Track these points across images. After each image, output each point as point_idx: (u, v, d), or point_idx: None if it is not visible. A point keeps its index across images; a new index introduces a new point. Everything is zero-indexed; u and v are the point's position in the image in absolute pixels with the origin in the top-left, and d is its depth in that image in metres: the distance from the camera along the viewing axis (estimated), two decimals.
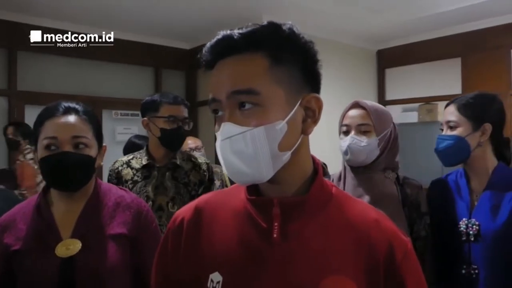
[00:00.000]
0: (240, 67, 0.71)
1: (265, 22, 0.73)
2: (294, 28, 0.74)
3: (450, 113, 1.55)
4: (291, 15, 3.90)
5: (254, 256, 0.73)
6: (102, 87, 4.61)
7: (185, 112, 1.96)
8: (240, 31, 0.72)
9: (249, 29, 0.72)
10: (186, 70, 5.27)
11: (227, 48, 0.72)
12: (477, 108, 1.51)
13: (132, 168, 1.94)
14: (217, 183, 3.40)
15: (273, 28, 0.73)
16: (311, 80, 0.76)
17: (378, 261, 0.72)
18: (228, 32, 0.73)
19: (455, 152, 1.52)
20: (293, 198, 0.75)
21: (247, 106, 0.70)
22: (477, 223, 1.45)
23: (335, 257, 0.72)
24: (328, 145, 2.51)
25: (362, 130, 1.47)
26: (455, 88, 4.56)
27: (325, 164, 1.95)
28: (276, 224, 0.73)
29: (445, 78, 4.71)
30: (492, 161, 1.53)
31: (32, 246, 1.14)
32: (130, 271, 1.21)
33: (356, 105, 1.51)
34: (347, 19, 4.33)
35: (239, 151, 0.70)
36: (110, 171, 2.00)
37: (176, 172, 1.94)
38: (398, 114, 5.13)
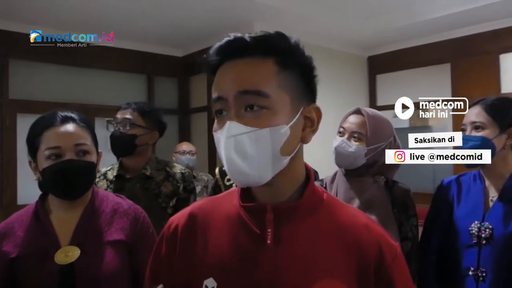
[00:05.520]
0: (250, 68, 0.73)
1: (272, 32, 0.75)
2: (299, 41, 0.77)
3: (476, 114, 1.50)
4: (282, 21, 3.93)
5: (248, 262, 0.74)
6: (94, 94, 4.58)
7: (128, 115, 1.88)
8: (252, 35, 0.73)
9: (260, 34, 0.74)
10: (178, 77, 5.26)
11: (238, 49, 0.73)
12: (504, 110, 1.48)
13: (107, 180, 1.90)
14: (198, 188, 3.36)
15: (282, 37, 0.75)
16: (309, 91, 0.79)
17: (368, 265, 0.74)
18: (239, 35, 0.74)
19: None
20: (287, 203, 0.77)
21: (256, 108, 0.71)
22: (490, 226, 1.42)
23: (326, 260, 0.74)
24: (320, 152, 2.53)
25: (354, 137, 1.53)
26: (445, 93, 4.61)
27: (316, 172, 1.98)
28: (269, 230, 0.74)
29: (435, 83, 4.75)
30: (511, 166, 1.50)
31: (31, 253, 1.14)
32: (128, 277, 1.22)
33: (357, 111, 1.56)
34: (338, 25, 4.37)
35: (243, 150, 0.71)
36: None
37: (147, 183, 1.86)
38: (389, 119, 5.16)
